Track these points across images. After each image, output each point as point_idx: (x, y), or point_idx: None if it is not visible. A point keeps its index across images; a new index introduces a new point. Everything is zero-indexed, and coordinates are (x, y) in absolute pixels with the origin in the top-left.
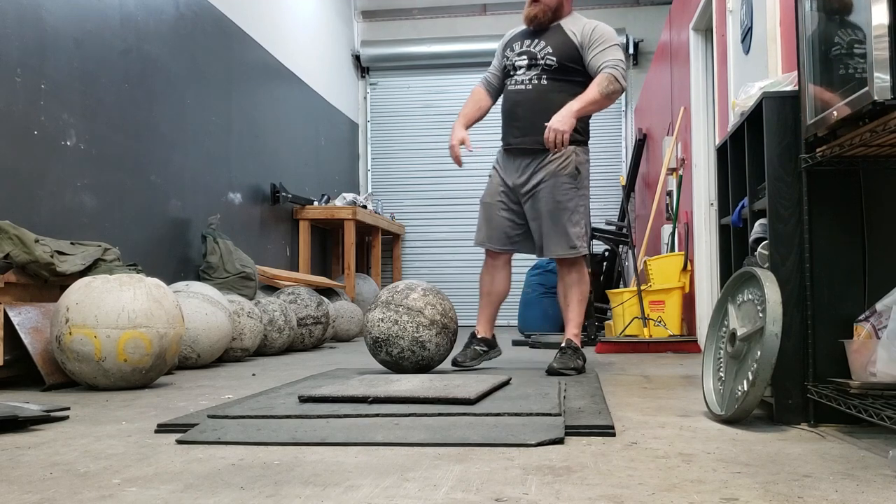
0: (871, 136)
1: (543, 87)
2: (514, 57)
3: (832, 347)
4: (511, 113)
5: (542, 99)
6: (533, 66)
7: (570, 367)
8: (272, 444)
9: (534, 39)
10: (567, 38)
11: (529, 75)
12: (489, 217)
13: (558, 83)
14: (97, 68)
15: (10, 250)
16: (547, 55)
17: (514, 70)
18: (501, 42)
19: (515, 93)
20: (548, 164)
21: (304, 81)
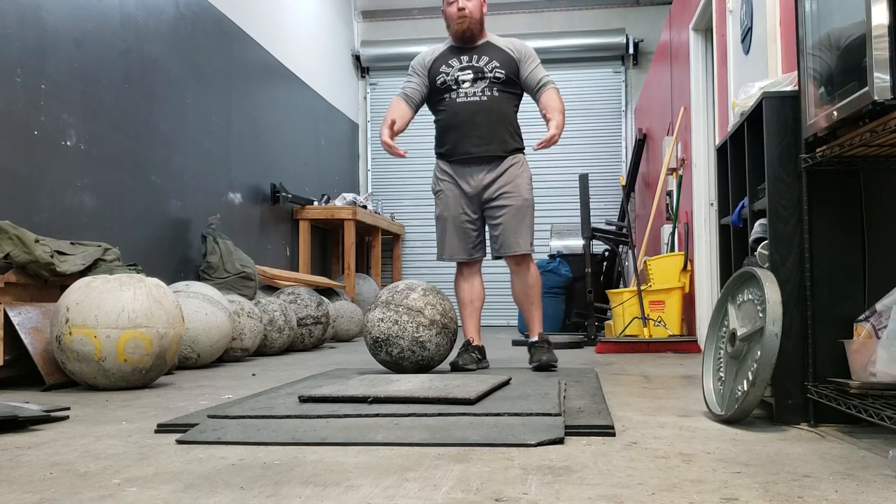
0: (871, 136)
1: (496, 98)
2: (456, 72)
3: (832, 347)
4: (468, 123)
5: (496, 109)
6: (480, 80)
7: (554, 359)
8: (272, 444)
9: (471, 56)
10: (507, 54)
11: (479, 87)
12: (457, 230)
13: (506, 94)
14: (97, 68)
15: (10, 250)
16: (495, 69)
17: (458, 84)
18: (422, 62)
19: (469, 104)
20: (510, 169)
21: (304, 81)
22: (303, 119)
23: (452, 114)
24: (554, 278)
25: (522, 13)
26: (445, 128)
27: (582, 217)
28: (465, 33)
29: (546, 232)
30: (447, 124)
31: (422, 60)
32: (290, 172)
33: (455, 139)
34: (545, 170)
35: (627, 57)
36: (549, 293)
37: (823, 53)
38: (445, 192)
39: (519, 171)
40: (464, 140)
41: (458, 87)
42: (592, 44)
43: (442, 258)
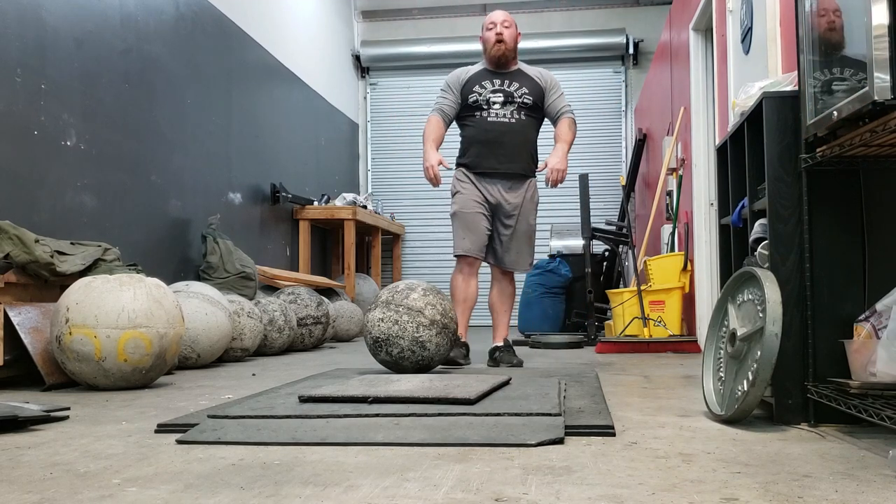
0: (871, 136)
1: (523, 121)
2: (488, 94)
3: (832, 347)
4: (496, 142)
5: (523, 132)
6: (509, 103)
7: (520, 362)
8: (272, 444)
9: (503, 80)
10: (535, 83)
11: (508, 110)
12: (473, 226)
13: (530, 119)
14: (97, 68)
15: (10, 250)
16: (524, 95)
17: (489, 105)
18: (456, 80)
19: (498, 124)
20: (527, 192)
21: (304, 81)
22: (303, 119)
23: (482, 130)
24: (554, 278)
25: (522, 13)
26: (472, 142)
27: (582, 217)
28: (500, 59)
29: (546, 232)
30: (475, 139)
31: (456, 78)
32: (290, 172)
33: (481, 153)
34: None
35: (627, 57)
36: (549, 293)
37: (823, 53)
38: (464, 192)
39: (531, 196)
40: (489, 156)
41: (489, 107)
42: (592, 44)
43: (457, 253)
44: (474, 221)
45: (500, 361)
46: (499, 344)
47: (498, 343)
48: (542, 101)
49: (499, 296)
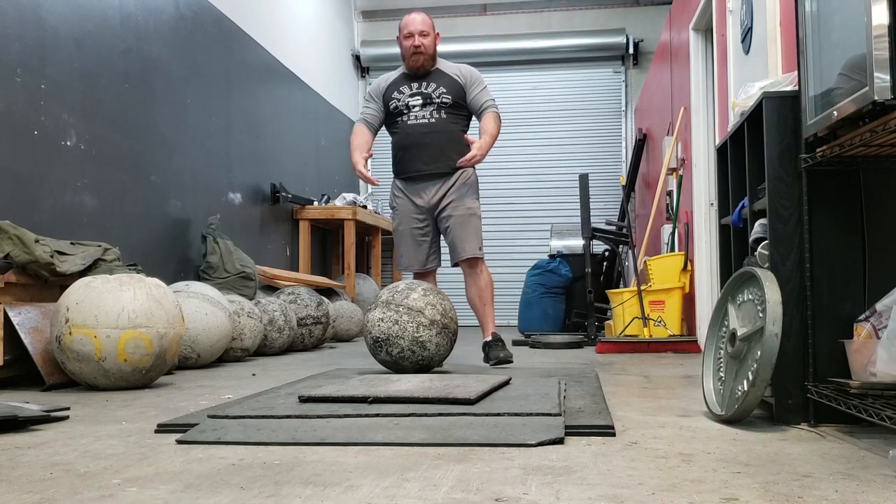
0: (871, 136)
1: (444, 120)
2: (406, 98)
3: (832, 347)
4: (419, 143)
5: (445, 130)
6: (428, 104)
7: (510, 356)
8: (272, 444)
9: (420, 82)
10: (453, 80)
11: (427, 111)
12: (412, 242)
13: (453, 116)
14: (97, 68)
15: (10, 250)
16: (442, 94)
17: (409, 109)
18: (377, 89)
19: (419, 126)
20: (457, 182)
21: (304, 81)
22: (303, 119)
23: (404, 135)
24: (554, 278)
25: (522, 13)
26: (398, 148)
27: (582, 217)
28: (419, 69)
29: (546, 232)
30: (399, 144)
31: (377, 88)
32: (290, 172)
33: (407, 158)
34: (545, 170)
35: (627, 57)
36: (549, 293)
37: (823, 53)
38: (399, 208)
39: (464, 182)
40: (415, 159)
41: (409, 111)
42: (592, 44)
43: (399, 267)
44: (412, 238)
45: (489, 357)
46: (487, 339)
47: (487, 338)
48: (464, 98)
49: (474, 290)
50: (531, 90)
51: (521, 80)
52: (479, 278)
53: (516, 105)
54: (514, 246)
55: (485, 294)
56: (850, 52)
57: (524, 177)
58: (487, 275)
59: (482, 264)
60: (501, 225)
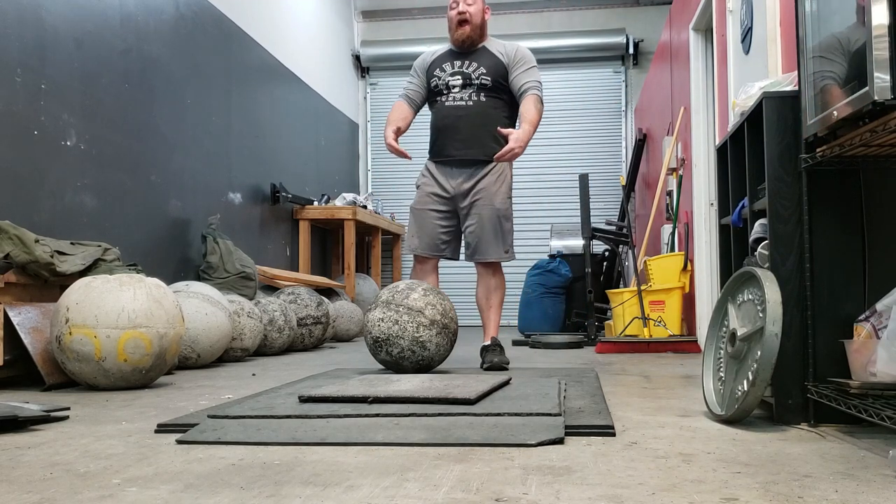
0: (871, 136)
1: (482, 103)
2: (447, 77)
3: (832, 347)
4: (453, 127)
5: (482, 114)
6: (468, 85)
7: (506, 361)
8: (272, 444)
9: (463, 61)
10: (497, 59)
11: (467, 93)
12: (421, 224)
13: (493, 100)
14: (97, 68)
15: (10, 250)
16: (482, 75)
17: (448, 89)
18: (422, 63)
19: (455, 108)
20: (489, 175)
21: (304, 81)
22: (303, 119)
23: (441, 116)
24: (554, 278)
25: (522, 13)
26: (434, 129)
27: (582, 217)
28: (465, 41)
29: (546, 232)
30: (435, 126)
31: (422, 62)
32: (290, 172)
33: (441, 141)
34: (545, 170)
35: (627, 57)
36: (549, 293)
37: (824, 53)
38: (423, 187)
39: (496, 178)
40: (447, 143)
41: (449, 91)
42: (592, 44)
43: (405, 248)
44: (425, 219)
45: (484, 361)
46: (486, 343)
47: (486, 342)
48: (505, 80)
49: (484, 292)
50: None
51: None
52: (492, 280)
53: None
54: (515, 246)
55: (493, 297)
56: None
57: (524, 177)
58: (502, 279)
59: (499, 269)
60: None
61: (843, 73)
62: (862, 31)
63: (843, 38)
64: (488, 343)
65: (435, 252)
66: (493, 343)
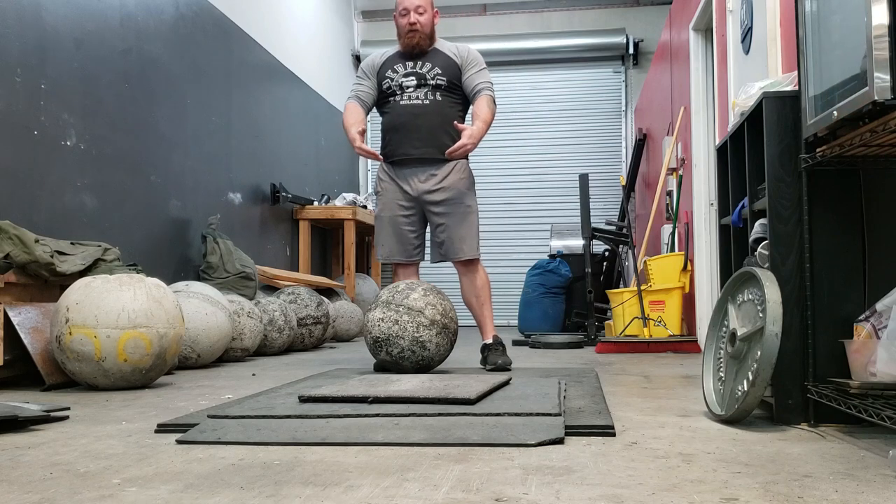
0: (871, 136)
1: (438, 102)
2: (400, 78)
3: (832, 347)
4: (409, 125)
5: (439, 113)
6: (422, 86)
7: (509, 362)
8: (272, 444)
9: (416, 61)
10: (450, 59)
11: (422, 92)
12: (395, 230)
13: (448, 99)
14: (97, 68)
15: (10, 250)
16: (437, 75)
17: (402, 89)
18: (371, 65)
19: (411, 107)
20: (451, 174)
21: (304, 81)
22: (303, 119)
23: (395, 115)
24: (554, 278)
25: (522, 13)
26: (388, 129)
27: (582, 217)
28: (414, 47)
29: (546, 232)
30: (389, 126)
31: (371, 63)
32: (290, 172)
33: (396, 140)
34: (545, 170)
35: (627, 57)
36: (549, 293)
37: (823, 53)
38: (384, 193)
39: (459, 176)
40: (404, 142)
41: (402, 91)
42: (592, 44)
43: (379, 258)
44: (395, 225)
45: (487, 361)
46: (488, 342)
47: (487, 341)
48: (458, 80)
49: (469, 290)
50: (531, 90)
51: (521, 80)
52: (477, 278)
53: (516, 105)
54: (514, 246)
55: (482, 294)
56: (850, 51)
57: (524, 177)
58: (484, 274)
59: (479, 264)
60: (501, 225)
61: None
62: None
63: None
64: (490, 341)
65: (412, 257)
66: (494, 342)
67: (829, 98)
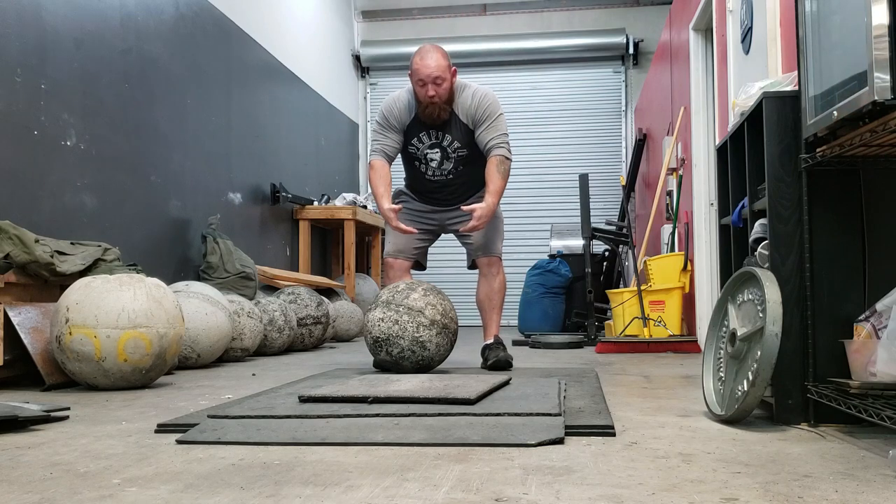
0: (871, 136)
1: (462, 172)
2: (426, 149)
3: (832, 347)
4: (436, 191)
5: (463, 183)
6: (446, 159)
7: (510, 358)
8: (272, 444)
9: (437, 133)
10: (465, 127)
11: (447, 167)
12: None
13: (471, 168)
14: (97, 68)
15: (10, 250)
16: (457, 149)
17: (427, 161)
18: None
19: (437, 182)
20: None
21: (304, 81)
22: (303, 119)
23: (422, 183)
24: (554, 278)
25: (522, 13)
26: (415, 187)
27: (582, 217)
28: (431, 117)
29: (546, 232)
30: (416, 189)
31: (398, 117)
32: (290, 172)
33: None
34: (545, 170)
35: (627, 57)
36: (549, 293)
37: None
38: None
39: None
40: (431, 200)
41: (427, 164)
42: (592, 44)
43: (387, 254)
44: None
45: (488, 359)
46: (488, 342)
47: (488, 341)
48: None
49: (486, 291)
50: (531, 90)
51: (521, 80)
52: (495, 280)
53: (516, 105)
54: (514, 246)
55: (495, 297)
56: (850, 51)
57: (524, 177)
58: (503, 278)
59: (501, 266)
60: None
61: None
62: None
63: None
64: (490, 342)
65: (406, 255)
66: (495, 341)
67: (829, 98)
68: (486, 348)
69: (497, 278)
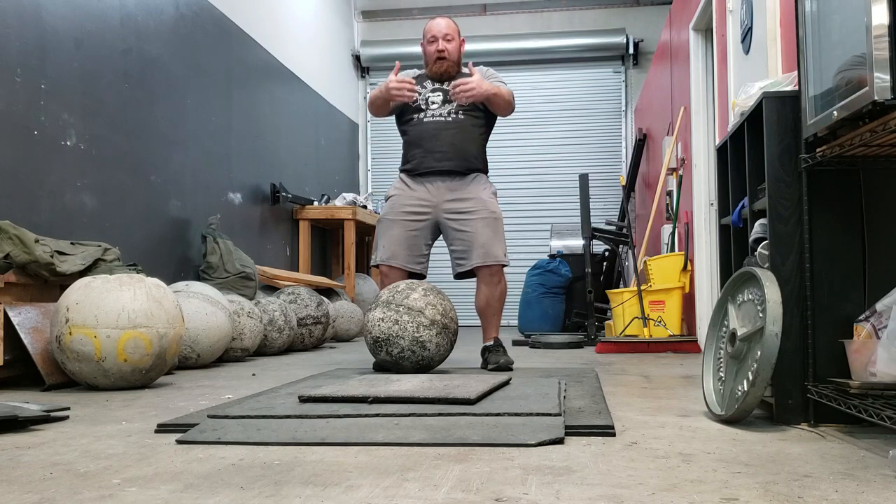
0: (871, 136)
1: (461, 119)
2: (428, 93)
3: (832, 347)
4: (433, 138)
5: (461, 130)
6: (448, 102)
7: (511, 361)
8: (272, 444)
9: (443, 83)
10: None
11: (446, 109)
12: (404, 236)
13: (471, 118)
14: (97, 68)
15: (10, 250)
16: None
17: (428, 105)
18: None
19: (435, 123)
20: (473, 184)
21: (304, 81)
22: (303, 119)
23: (419, 130)
24: (554, 278)
25: (522, 13)
26: (412, 144)
27: (582, 217)
28: (443, 74)
29: (546, 232)
30: (413, 141)
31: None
32: (290, 172)
33: (420, 155)
34: (545, 170)
35: (627, 57)
36: (549, 293)
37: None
38: (397, 197)
39: (481, 186)
40: (427, 156)
41: (427, 107)
42: (592, 44)
43: (376, 261)
44: (403, 228)
45: (488, 362)
46: (488, 344)
47: (487, 343)
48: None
49: (486, 299)
50: (531, 90)
51: (521, 80)
52: (497, 288)
53: (516, 105)
54: (515, 246)
55: (497, 304)
56: (850, 51)
57: (524, 177)
58: (504, 286)
59: (503, 274)
60: None
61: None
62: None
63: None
64: (490, 343)
65: (412, 266)
66: (495, 343)
67: (829, 98)
68: (486, 350)
69: (498, 287)
